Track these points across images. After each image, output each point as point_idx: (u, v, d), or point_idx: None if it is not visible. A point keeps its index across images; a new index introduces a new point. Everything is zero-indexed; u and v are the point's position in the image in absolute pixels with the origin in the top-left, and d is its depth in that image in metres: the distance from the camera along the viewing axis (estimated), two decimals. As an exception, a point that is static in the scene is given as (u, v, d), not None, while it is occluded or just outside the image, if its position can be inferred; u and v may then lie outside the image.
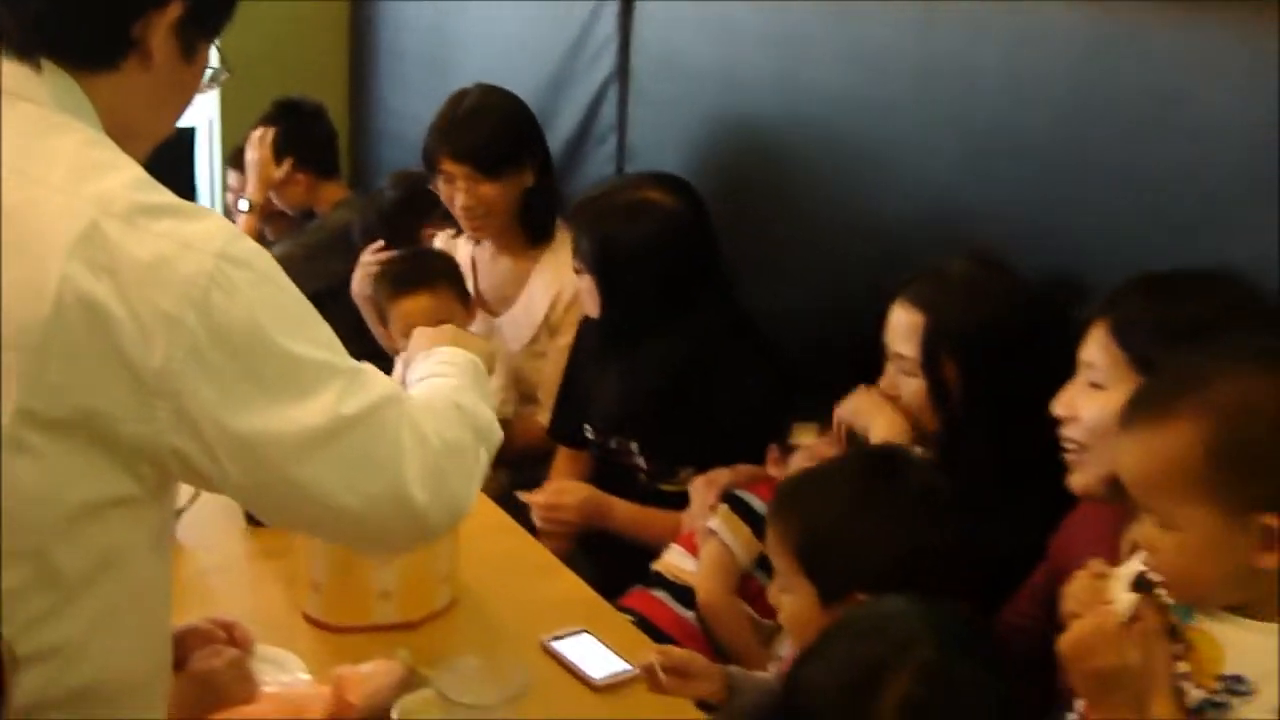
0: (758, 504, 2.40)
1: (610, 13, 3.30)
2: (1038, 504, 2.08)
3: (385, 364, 3.42)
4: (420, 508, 1.46)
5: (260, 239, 3.98)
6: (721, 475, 2.55)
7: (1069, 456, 1.88)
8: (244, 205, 3.95)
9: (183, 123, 4.62)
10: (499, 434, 1.67)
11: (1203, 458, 1.36)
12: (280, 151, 3.94)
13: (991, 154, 2.38)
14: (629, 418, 2.79)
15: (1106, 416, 1.75)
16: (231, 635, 1.96)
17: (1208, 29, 2.08)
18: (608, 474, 2.86)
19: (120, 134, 1.42)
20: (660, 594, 2.54)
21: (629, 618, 2.33)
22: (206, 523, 2.38)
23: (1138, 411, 1.44)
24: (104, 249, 1.29)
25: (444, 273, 3.14)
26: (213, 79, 1.57)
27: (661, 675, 1.85)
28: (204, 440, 1.34)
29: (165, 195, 1.37)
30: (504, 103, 3.20)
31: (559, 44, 3.48)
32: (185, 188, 4.63)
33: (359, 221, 3.70)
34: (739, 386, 2.66)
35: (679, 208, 2.73)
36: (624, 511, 2.73)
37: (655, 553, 2.62)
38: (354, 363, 1.46)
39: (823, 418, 2.44)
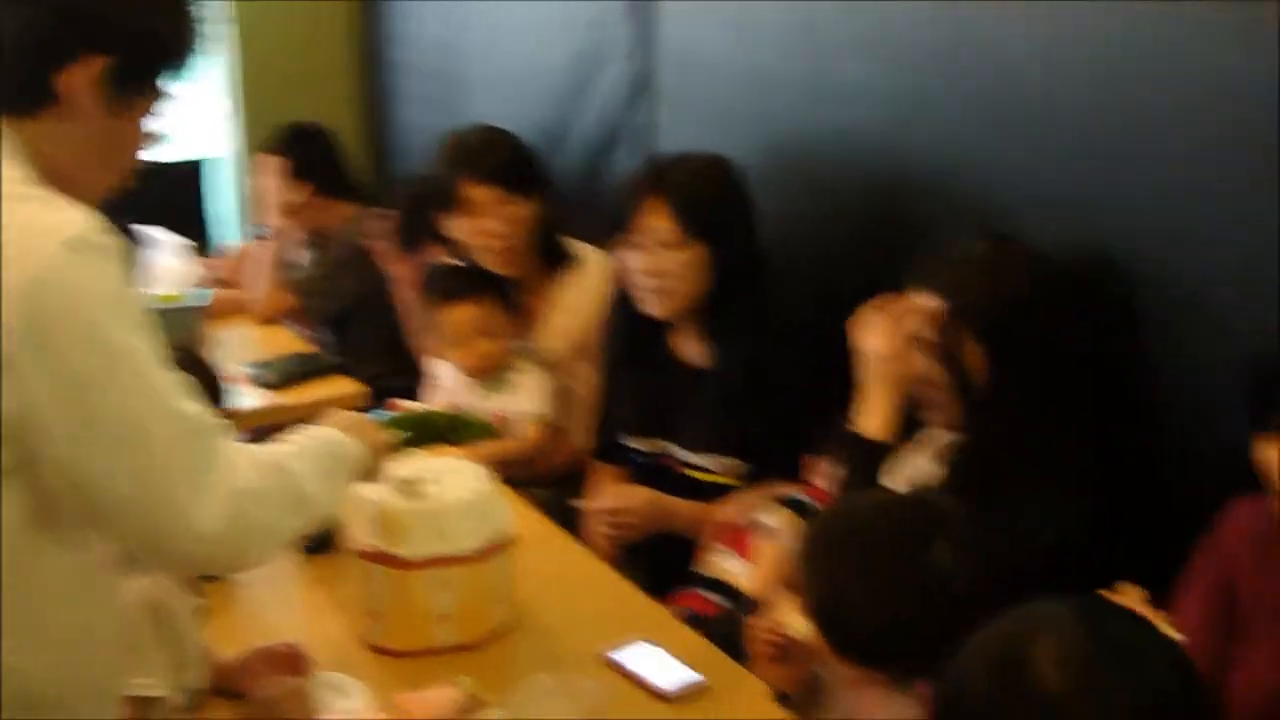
0: (813, 505, 2.39)
1: (630, 16, 3.28)
2: (1069, 490, 2.06)
3: (418, 377, 3.43)
4: (208, 534, 1.48)
5: (282, 263, 4.00)
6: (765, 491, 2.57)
7: None
8: (262, 232, 3.96)
9: (188, 155, 4.65)
10: (321, 510, 1.70)
11: None
12: (290, 176, 3.96)
13: (1023, 139, 2.36)
14: (698, 419, 2.75)
15: None
16: (294, 657, 1.97)
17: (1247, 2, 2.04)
18: (647, 475, 2.84)
19: (54, 179, 1.48)
20: (707, 593, 2.54)
21: (686, 617, 2.32)
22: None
23: None
24: None
25: (490, 285, 3.15)
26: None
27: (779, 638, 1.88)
28: (36, 407, 1.39)
29: (39, 191, 1.45)
30: (510, 132, 3.23)
31: (578, 51, 3.47)
32: (197, 220, 4.66)
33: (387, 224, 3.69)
34: (791, 386, 2.64)
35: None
36: (685, 510, 2.71)
37: (696, 554, 2.62)
38: (179, 377, 1.51)
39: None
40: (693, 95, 3.14)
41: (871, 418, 2.21)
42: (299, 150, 4.00)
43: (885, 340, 2.18)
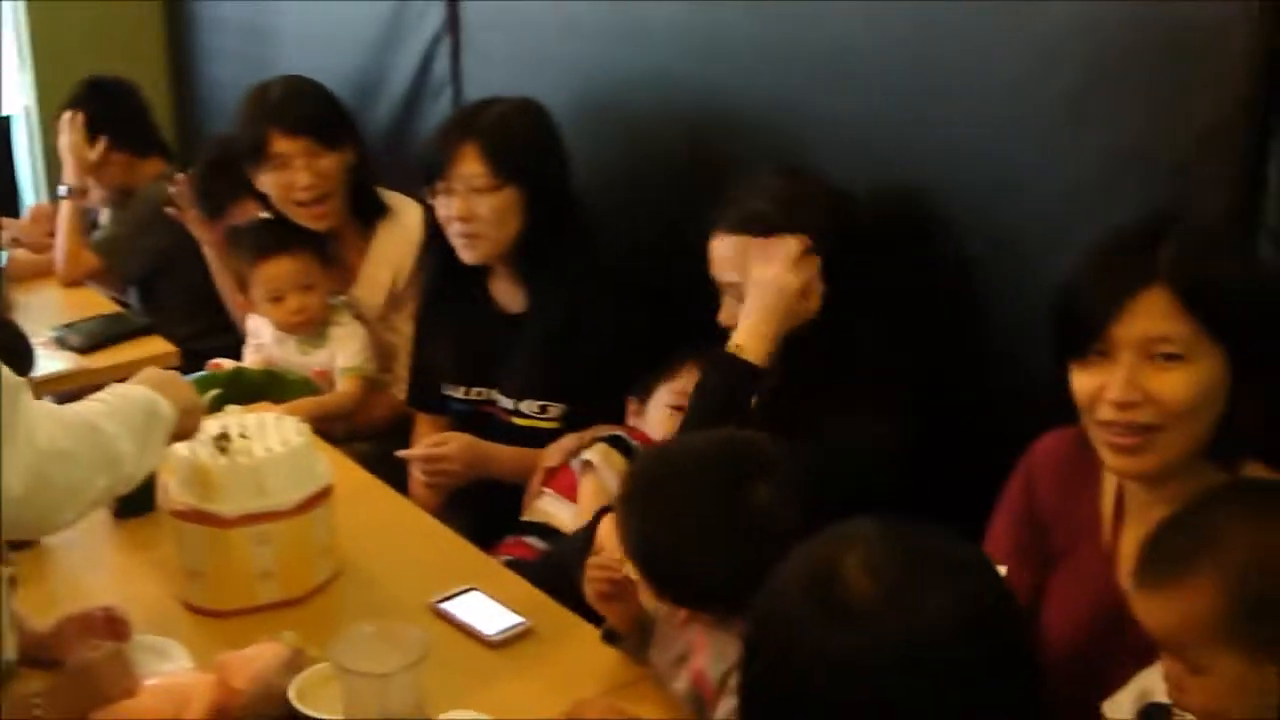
0: (635, 445, 2.42)
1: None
2: (879, 425, 2.12)
3: (231, 337, 3.37)
4: (11, 496, 1.47)
5: (87, 222, 3.88)
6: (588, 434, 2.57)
7: (1125, 440, 1.66)
8: (63, 190, 3.83)
9: (-1, 110, 4.30)
10: (134, 469, 1.69)
11: (1224, 612, 1.39)
12: (93, 132, 3.84)
13: (836, 82, 2.39)
14: (512, 364, 2.75)
15: (1194, 391, 1.62)
16: (111, 622, 1.92)
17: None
18: (469, 424, 2.83)
19: None
20: (533, 540, 2.53)
21: (507, 563, 2.33)
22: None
23: (1155, 573, 1.45)
24: None
25: (304, 238, 3.10)
26: None
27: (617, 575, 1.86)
28: None
29: None
30: (315, 83, 3.17)
31: (385, 2, 3.41)
32: (6, 177, 4.51)
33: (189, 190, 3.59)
34: (610, 329, 2.65)
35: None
36: (506, 455, 2.71)
37: (521, 501, 2.63)
38: None
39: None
40: (500, 42, 3.12)
41: (755, 342, 2.14)
42: (97, 105, 3.88)
43: (788, 273, 2.15)
